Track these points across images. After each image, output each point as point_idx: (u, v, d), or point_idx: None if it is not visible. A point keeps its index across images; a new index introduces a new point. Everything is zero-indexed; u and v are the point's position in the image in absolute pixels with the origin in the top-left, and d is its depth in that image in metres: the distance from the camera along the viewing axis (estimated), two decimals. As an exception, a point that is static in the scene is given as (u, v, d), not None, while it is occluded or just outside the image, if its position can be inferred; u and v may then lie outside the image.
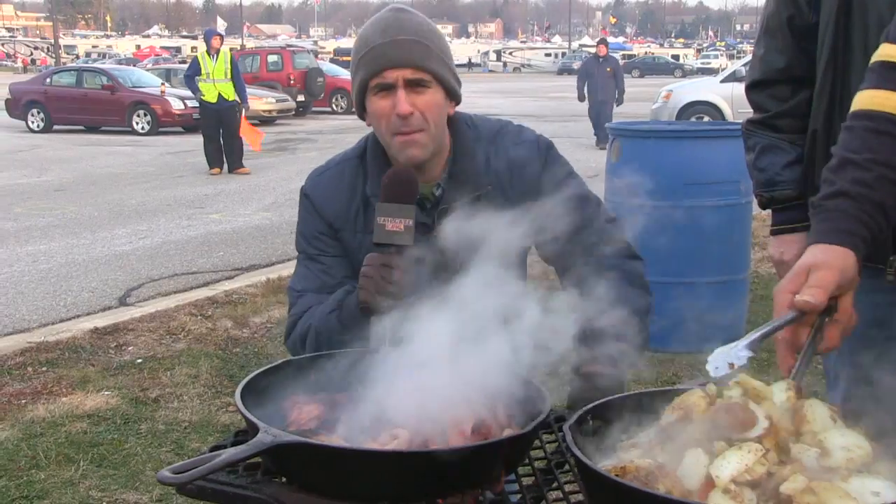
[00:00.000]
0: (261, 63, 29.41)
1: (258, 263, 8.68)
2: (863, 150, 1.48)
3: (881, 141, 1.48)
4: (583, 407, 1.53)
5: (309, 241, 2.29)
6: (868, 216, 1.45)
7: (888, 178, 1.46)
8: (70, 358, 5.63)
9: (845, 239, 1.43)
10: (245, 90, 15.20)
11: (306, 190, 2.34)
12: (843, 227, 1.44)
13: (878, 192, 1.45)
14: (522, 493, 1.52)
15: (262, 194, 12.97)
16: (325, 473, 1.48)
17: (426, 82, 2.12)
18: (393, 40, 2.11)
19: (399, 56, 2.10)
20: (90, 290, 7.65)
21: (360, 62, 2.16)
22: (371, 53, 2.13)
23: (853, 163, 1.48)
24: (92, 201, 12.40)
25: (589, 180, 2.45)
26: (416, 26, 2.15)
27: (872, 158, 1.47)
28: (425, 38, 2.14)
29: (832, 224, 1.45)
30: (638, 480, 1.28)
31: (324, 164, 2.39)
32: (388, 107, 2.12)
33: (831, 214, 1.45)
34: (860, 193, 1.45)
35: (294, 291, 2.30)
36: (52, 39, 63.66)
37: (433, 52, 2.14)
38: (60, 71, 27.06)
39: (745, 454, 1.27)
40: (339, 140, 20.40)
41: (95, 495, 3.86)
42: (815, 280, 1.38)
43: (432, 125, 2.14)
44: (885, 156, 1.47)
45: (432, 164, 2.21)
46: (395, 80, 2.10)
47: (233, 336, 6.07)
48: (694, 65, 67.98)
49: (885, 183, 1.46)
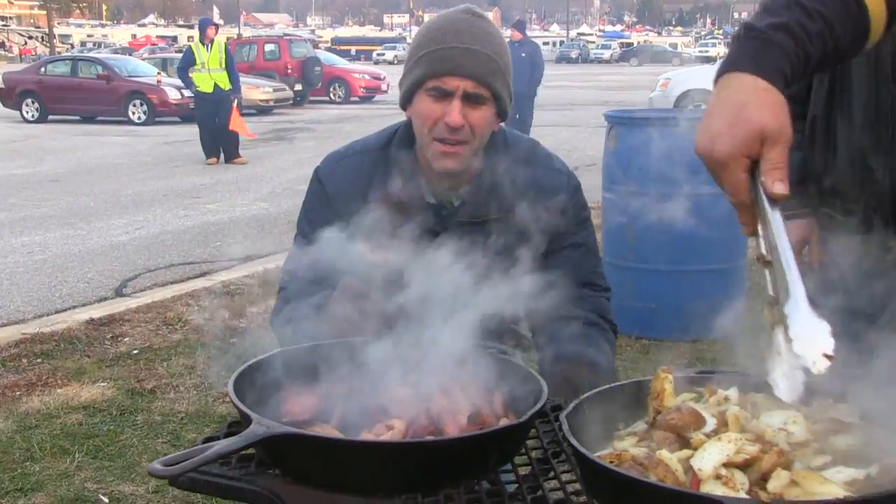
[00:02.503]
0: (258, 52, 29.32)
1: (255, 254, 8.65)
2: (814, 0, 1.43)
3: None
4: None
5: (312, 226, 2.23)
6: (798, 61, 1.39)
7: (825, 37, 1.41)
8: (65, 349, 5.61)
9: (780, 80, 1.35)
10: (239, 80, 15.12)
11: (321, 174, 2.29)
12: (780, 65, 1.36)
13: (814, 46, 1.40)
14: (519, 483, 1.51)
15: (259, 184, 12.93)
16: (319, 465, 1.46)
17: (484, 98, 2.07)
18: (466, 48, 2.05)
19: (467, 66, 2.04)
20: (86, 281, 7.63)
21: (423, 57, 2.09)
22: (438, 53, 2.07)
23: (802, 6, 1.41)
24: (88, 191, 12.36)
25: (586, 169, 2.44)
26: (492, 38, 2.09)
27: (820, 11, 1.41)
28: (496, 54, 2.08)
29: (772, 59, 1.37)
30: (634, 469, 1.27)
31: (343, 149, 2.33)
32: (438, 112, 2.07)
33: (773, 49, 1.37)
34: (800, 38, 1.39)
35: (287, 273, 2.26)
36: (46, 28, 63.44)
37: (500, 69, 2.08)
38: (55, 60, 26.96)
39: (725, 444, 1.28)
40: (338, 129, 20.36)
41: (91, 487, 3.84)
42: (776, 159, 1.29)
43: (478, 141, 2.10)
44: (830, 14, 1.41)
45: (459, 176, 2.17)
46: (455, 88, 2.05)
47: (229, 326, 6.03)
48: (692, 53, 67.88)
49: (821, 40, 1.40)
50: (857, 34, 1.43)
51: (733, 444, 1.27)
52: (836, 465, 1.30)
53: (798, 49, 1.38)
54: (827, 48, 1.42)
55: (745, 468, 1.27)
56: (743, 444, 1.28)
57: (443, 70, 2.05)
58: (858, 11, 1.42)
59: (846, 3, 1.42)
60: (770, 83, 1.34)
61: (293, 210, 1.99)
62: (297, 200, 2.33)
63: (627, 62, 67.23)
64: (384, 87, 30.30)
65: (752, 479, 1.27)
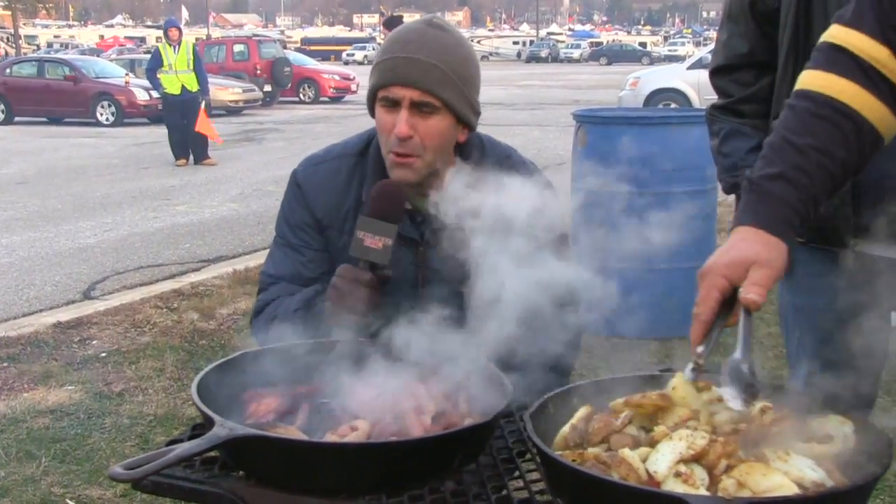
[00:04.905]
0: (227, 53, 29.13)
1: (225, 255, 8.61)
2: (803, 134, 1.47)
3: (823, 126, 1.46)
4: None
5: (293, 229, 2.23)
6: (804, 206, 1.44)
7: (825, 166, 1.45)
8: (32, 353, 5.55)
9: (784, 230, 1.42)
10: (207, 81, 15.02)
11: (299, 178, 2.27)
12: (783, 215, 1.43)
13: (816, 182, 1.45)
14: (483, 483, 1.51)
15: (229, 185, 12.86)
16: (282, 466, 1.45)
17: (434, 107, 2.05)
18: (409, 58, 2.04)
19: (410, 76, 2.03)
20: (53, 284, 7.55)
21: (375, 67, 2.10)
22: (386, 63, 2.07)
23: (793, 146, 1.46)
24: (55, 194, 12.23)
25: (556, 168, 2.44)
26: (442, 48, 2.07)
27: (811, 144, 1.45)
28: (445, 63, 2.05)
29: (772, 210, 1.43)
30: (596, 467, 1.28)
31: (321, 153, 2.32)
32: (389, 123, 2.06)
33: (772, 199, 1.43)
34: (800, 182, 1.44)
35: (267, 276, 2.25)
36: (11, 29, 62.63)
37: (449, 78, 2.05)
38: (21, 61, 26.61)
39: (677, 443, 1.30)
40: (308, 130, 20.30)
41: (58, 491, 3.80)
42: (759, 278, 1.36)
43: (429, 153, 2.08)
44: (823, 142, 1.45)
45: (431, 181, 2.13)
46: (401, 97, 2.04)
47: (199, 328, 6.01)
48: (661, 52, 68.28)
49: (822, 172, 1.45)
50: (863, 144, 1.48)
51: (685, 441, 1.28)
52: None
53: (799, 194, 1.44)
54: (834, 175, 1.47)
55: (699, 461, 1.28)
56: (694, 440, 1.29)
57: (387, 80, 2.05)
58: (854, 127, 1.46)
59: (838, 125, 1.46)
60: (776, 237, 1.41)
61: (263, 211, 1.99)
62: (266, 201, 2.32)
63: (597, 61, 67.50)
64: (354, 88, 30.21)
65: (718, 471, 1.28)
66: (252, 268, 7.31)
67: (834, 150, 1.46)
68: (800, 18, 2.14)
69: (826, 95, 1.49)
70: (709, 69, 2.53)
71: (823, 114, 1.48)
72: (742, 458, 1.28)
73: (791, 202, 1.43)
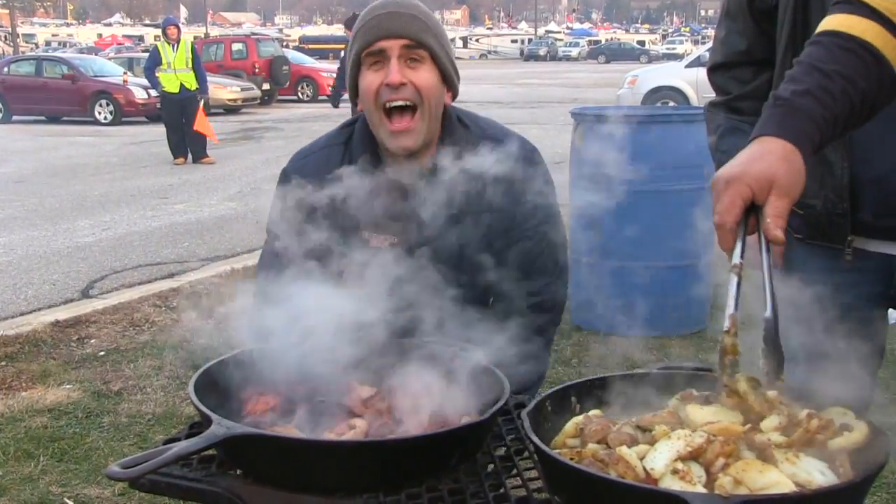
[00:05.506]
0: (225, 51, 29.09)
1: (223, 254, 8.59)
2: (830, 62, 1.50)
3: (848, 57, 1.50)
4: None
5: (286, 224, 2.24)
6: (826, 125, 1.47)
7: (848, 93, 1.48)
8: (30, 352, 5.54)
9: (805, 144, 1.44)
10: (206, 80, 14.99)
11: (289, 172, 2.29)
12: (807, 129, 1.45)
13: (839, 105, 1.47)
14: (481, 481, 1.51)
15: (227, 184, 12.84)
16: (279, 465, 1.45)
17: (421, 57, 2.10)
18: (389, 12, 2.09)
19: (394, 26, 2.08)
20: (51, 283, 7.54)
21: (355, 37, 2.14)
22: (367, 25, 2.11)
23: (820, 70, 1.49)
24: (53, 193, 12.21)
25: (555, 166, 2.44)
26: (415, 6, 2.14)
27: (839, 71, 1.49)
28: (423, 15, 2.12)
29: (797, 123, 1.45)
30: (594, 465, 1.28)
31: (308, 146, 2.35)
32: (379, 79, 2.09)
33: (798, 113, 1.46)
34: (825, 101, 1.47)
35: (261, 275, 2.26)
36: (9, 28, 62.56)
37: (430, 28, 2.12)
38: (19, 60, 26.61)
39: (675, 441, 1.30)
40: (306, 128, 20.26)
41: (56, 491, 3.79)
42: (781, 209, 1.38)
43: (426, 104, 2.10)
44: (850, 72, 1.49)
45: (420, 153, 2.17)
46: (388, 48, 2.07)
47: (197, 327, 6.00)
48: (659, 50, 68.24)
49: (844, 97, 1.48)
50: (882, 81, 1.51)
51: (683, 440, 1.28)
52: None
53: (825, 111, 1.46)
54: (854, 103, 1.49)
55: (696, 458, 1.28)
56: (692, 438, 1.29)
57: (373, 36, 2.09)
58: (876, 62, 1.49)
59: (861, 58, 1.49)
60: (796, 147, 1.42)
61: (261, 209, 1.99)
62: (265, 200, 2.31)
63: (595, 60, 67.47)
64: (353, 86, 30.16)
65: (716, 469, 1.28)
66: (250, 266, 7.30)
67: (857, 79, 1.49)
68: (798, 15, 2.14)
69: (849, 34, 1.52)
70: (707, 66, 2.52)
71: (849, 46, 1.51)
72: (739, 456, 1.27)
73: (815, 118, 1.45)
